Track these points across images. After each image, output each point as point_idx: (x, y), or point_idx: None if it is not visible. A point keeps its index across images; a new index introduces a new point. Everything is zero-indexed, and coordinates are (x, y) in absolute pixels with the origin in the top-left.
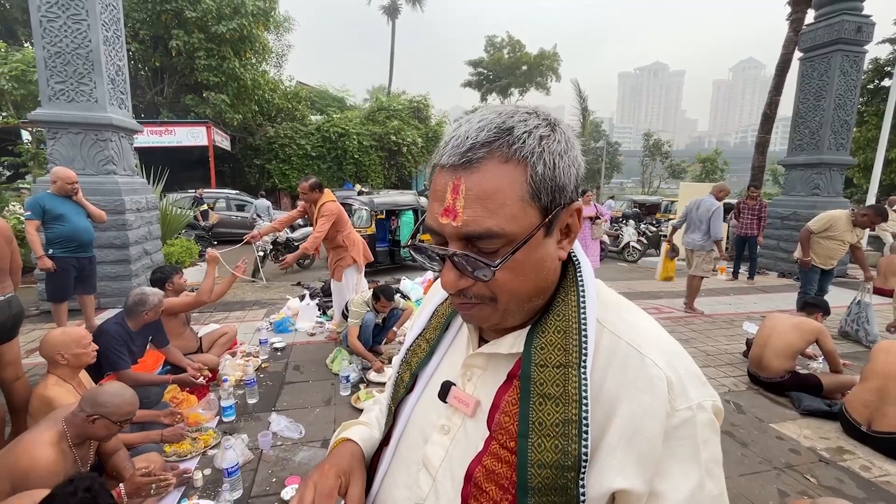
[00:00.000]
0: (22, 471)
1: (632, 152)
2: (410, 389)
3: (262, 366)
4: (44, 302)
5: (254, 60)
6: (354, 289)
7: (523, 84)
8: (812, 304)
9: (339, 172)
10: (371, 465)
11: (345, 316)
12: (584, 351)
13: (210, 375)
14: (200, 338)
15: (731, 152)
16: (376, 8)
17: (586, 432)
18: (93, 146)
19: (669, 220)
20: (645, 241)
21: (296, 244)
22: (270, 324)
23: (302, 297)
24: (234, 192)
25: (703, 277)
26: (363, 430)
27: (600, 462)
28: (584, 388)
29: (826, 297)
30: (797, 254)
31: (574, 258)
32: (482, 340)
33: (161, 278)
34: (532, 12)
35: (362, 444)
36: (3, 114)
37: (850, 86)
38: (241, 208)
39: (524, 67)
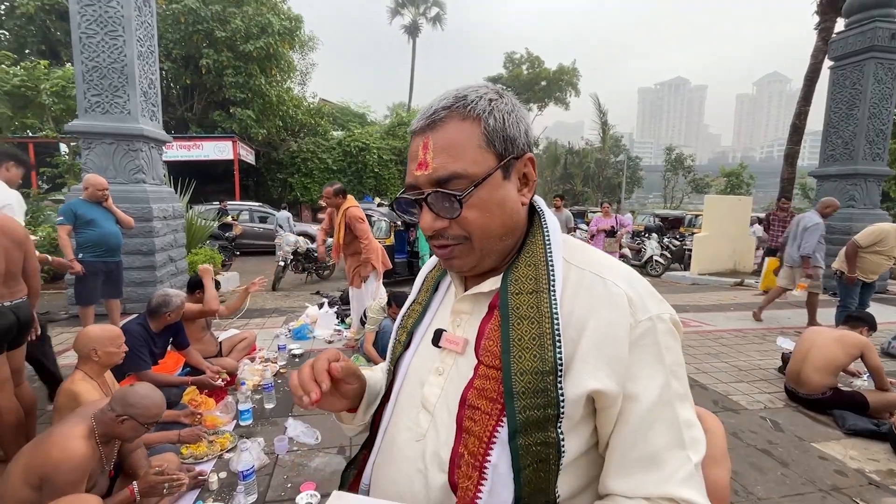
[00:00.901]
0: (53, 463)
1: (653, 167)
2: (407, 346)
3: (280, 371)
4: (72, 306)
5: (279, 78)
6: (373, 296)
7: (542, 99)
8: (856, 318)
9: (359, 186)
10: (375, 419)
11: (363, 322)
12: (552, 278)
13: (228, 379)
14: (220, 342)
15: (757, 167)
16: (398, 27)
17: (559, 342)
18: (124, 156)
19: (694, 233)
20: (668, 255)
21: (315, 255)
22: (289, 331)
23: (321, 306)
24: (256, 204)
25: (816, 293)
26: (367, 371)
27: (575, 369)
28: (554, 306)
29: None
30: (837, 265)
31: (538, 209)
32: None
33: (198, 281)
34: (551, 30)
35: (366, 376)
36: (45, 128)
37: (885, 94)
38: (263, 220)
39: (543, 83)
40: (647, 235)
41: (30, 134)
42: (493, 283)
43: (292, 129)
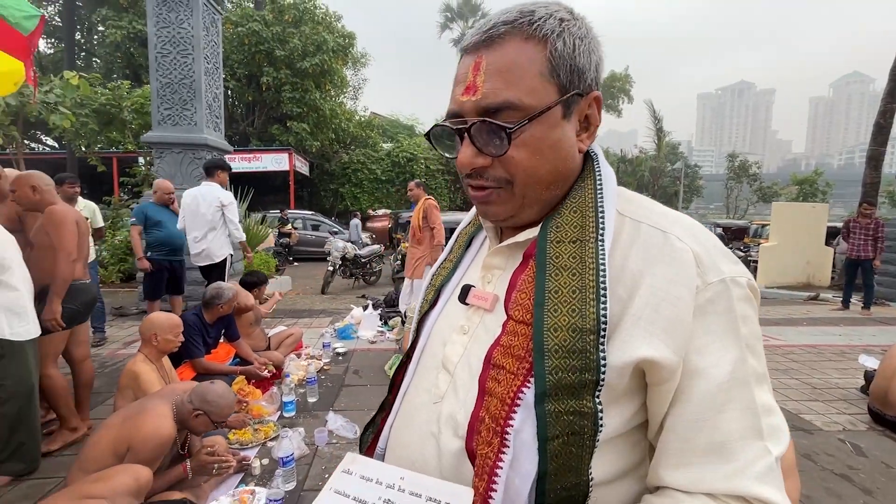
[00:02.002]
0: (143, 437)
1: (714, 176)
2: (433, 305)
3: (324, 368)
4: (142, 302)
5: (332, 93)
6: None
7: None
8: None
9: (406, 195)
10: (395, 380)
11: (403, 322)
12: (601, 226)
13: (275, 371)
14: (269, 338)
15: (834, 175)
16: (446, 41)
17: (605, 297)
18: (190, 163)
19: (760, 244)
20: None
21: (363, 260)
22: (334, 330)
23: (365, 307)
24: (309, 213)
25: None
26: None
27: (624, 332)
28: (601, 257)
29: None
30: None
31: (593, 155)
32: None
33: (253, 282)
34: (603, 36)
35: None
36: (125, 142)
37: None
38: (315, 228)
39: None
40: None
41: (114, 148)
42: (530, 233)
43: (344, 142)
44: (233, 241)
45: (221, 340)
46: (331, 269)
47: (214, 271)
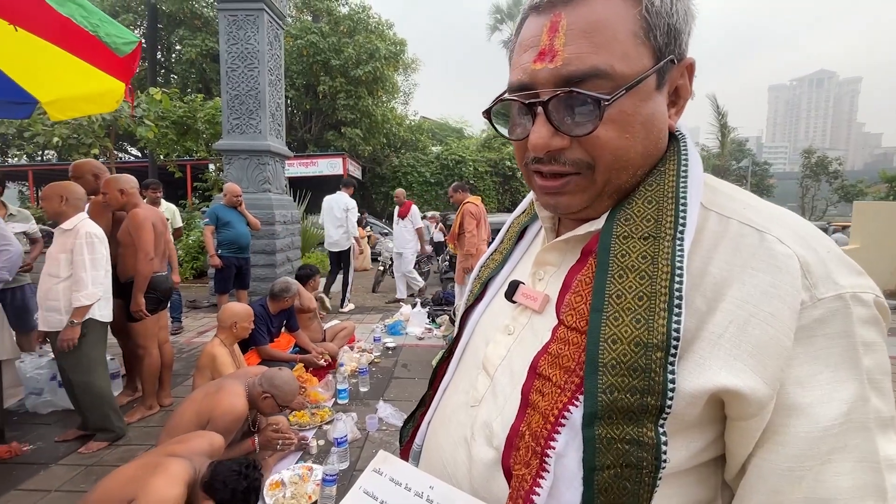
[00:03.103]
0: (222, 411)
1: (787, 174)
2: (479, 299)
3: (375, 361)
4: (213, 296)
5: (384, 98)
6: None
7: None
8: None
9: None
10: (437, 374)
11: (452, 321)
12: (681, 221)
13: (330, 361)
14: (325, 330)
15: None
16: (496, 43)
17: (679, 308)
18: (255, 168)
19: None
20: None
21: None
22: (384, 326)
23: (413, 305)
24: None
25: None
26: None
27: (700, 352)
28: (678, 259)
29: None
30: None
31: (679, 134)
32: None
33: (307, 274)
34: None
35: None
36: (198, 151)
37: None
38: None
39: None
40: None
41: (187, 156)
42: (592, 225)
43: (395, 145)
44: (349, 235)
45: (283, 331)
46: (381, 268)
47: (343, 256)
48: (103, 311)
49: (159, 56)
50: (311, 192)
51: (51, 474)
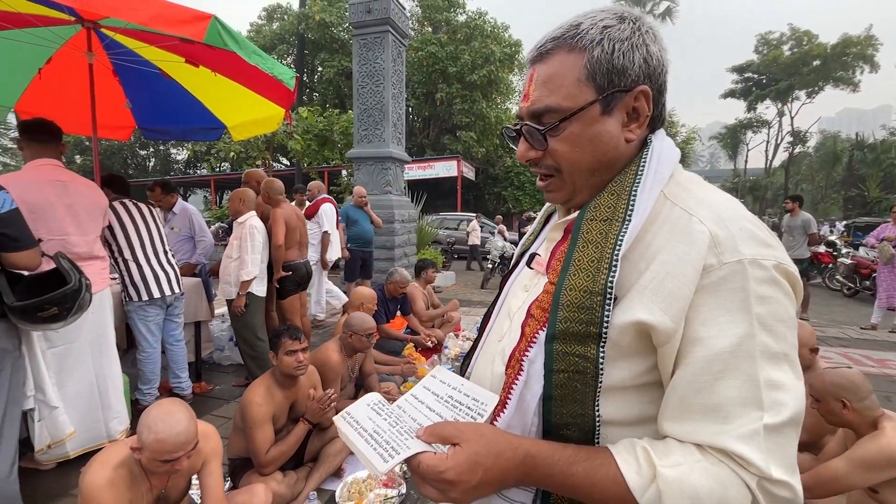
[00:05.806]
0: (320, 362)
1: None
2: (515, 266)
3: None
4: (342, 284)
5: (499, 100)
6: None
7: (814, 83)
8: None
9: None
10: (483, 325)
11: None
12: (630, 208)
13: (437, 344)
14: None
15: None
16: None
17: (615, 267)
18: (379, 173)
19: None
20: None
21: None
22: None
23: None
24: (472, 214)
25: None
26: None
27: (630, 299)
28: (621, 235)
29: None
30: None
31: (650, 144)
32: None
33: (422, 266)
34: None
35: None
36: (334, 159)
37: None
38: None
39: (815, 63)
40: None
41: (325, 164)
42: (576, 213)
43: (508, 147)
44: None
45: (398, 315)
46: (490, 266)
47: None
48: (259, 287)
49: (304, 78)
50: (427, 193)
51: (229, 408)
